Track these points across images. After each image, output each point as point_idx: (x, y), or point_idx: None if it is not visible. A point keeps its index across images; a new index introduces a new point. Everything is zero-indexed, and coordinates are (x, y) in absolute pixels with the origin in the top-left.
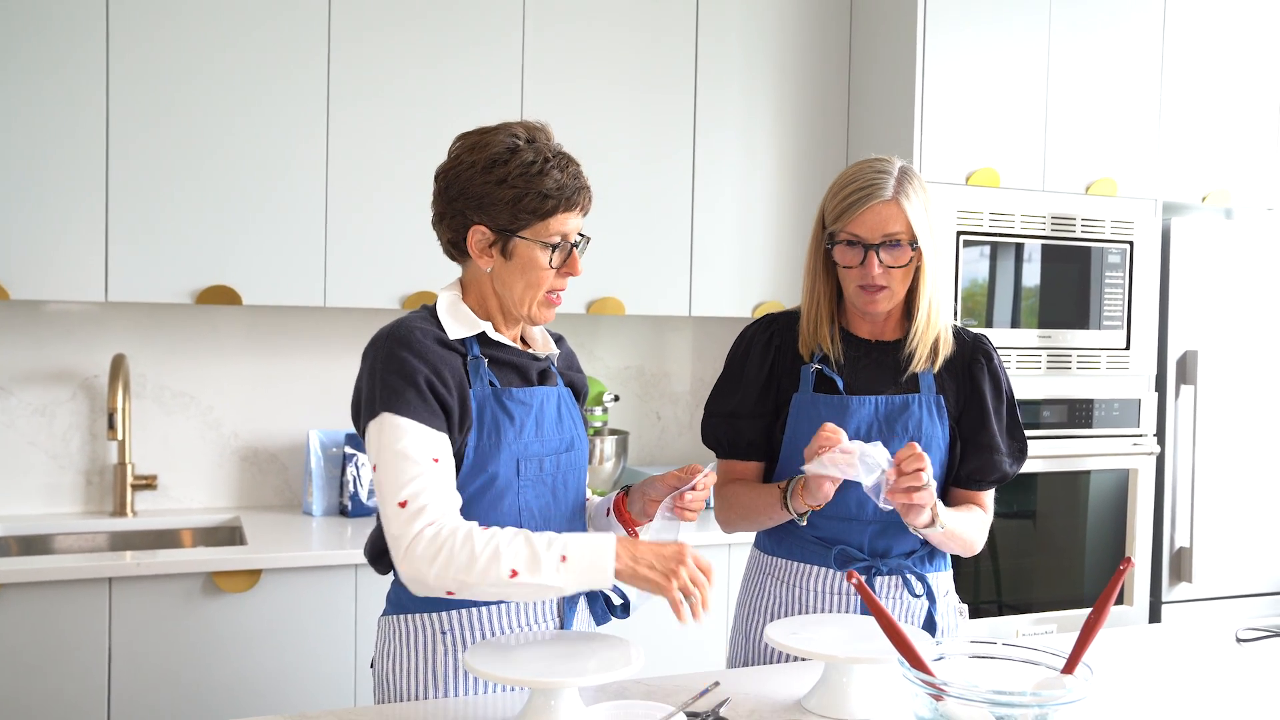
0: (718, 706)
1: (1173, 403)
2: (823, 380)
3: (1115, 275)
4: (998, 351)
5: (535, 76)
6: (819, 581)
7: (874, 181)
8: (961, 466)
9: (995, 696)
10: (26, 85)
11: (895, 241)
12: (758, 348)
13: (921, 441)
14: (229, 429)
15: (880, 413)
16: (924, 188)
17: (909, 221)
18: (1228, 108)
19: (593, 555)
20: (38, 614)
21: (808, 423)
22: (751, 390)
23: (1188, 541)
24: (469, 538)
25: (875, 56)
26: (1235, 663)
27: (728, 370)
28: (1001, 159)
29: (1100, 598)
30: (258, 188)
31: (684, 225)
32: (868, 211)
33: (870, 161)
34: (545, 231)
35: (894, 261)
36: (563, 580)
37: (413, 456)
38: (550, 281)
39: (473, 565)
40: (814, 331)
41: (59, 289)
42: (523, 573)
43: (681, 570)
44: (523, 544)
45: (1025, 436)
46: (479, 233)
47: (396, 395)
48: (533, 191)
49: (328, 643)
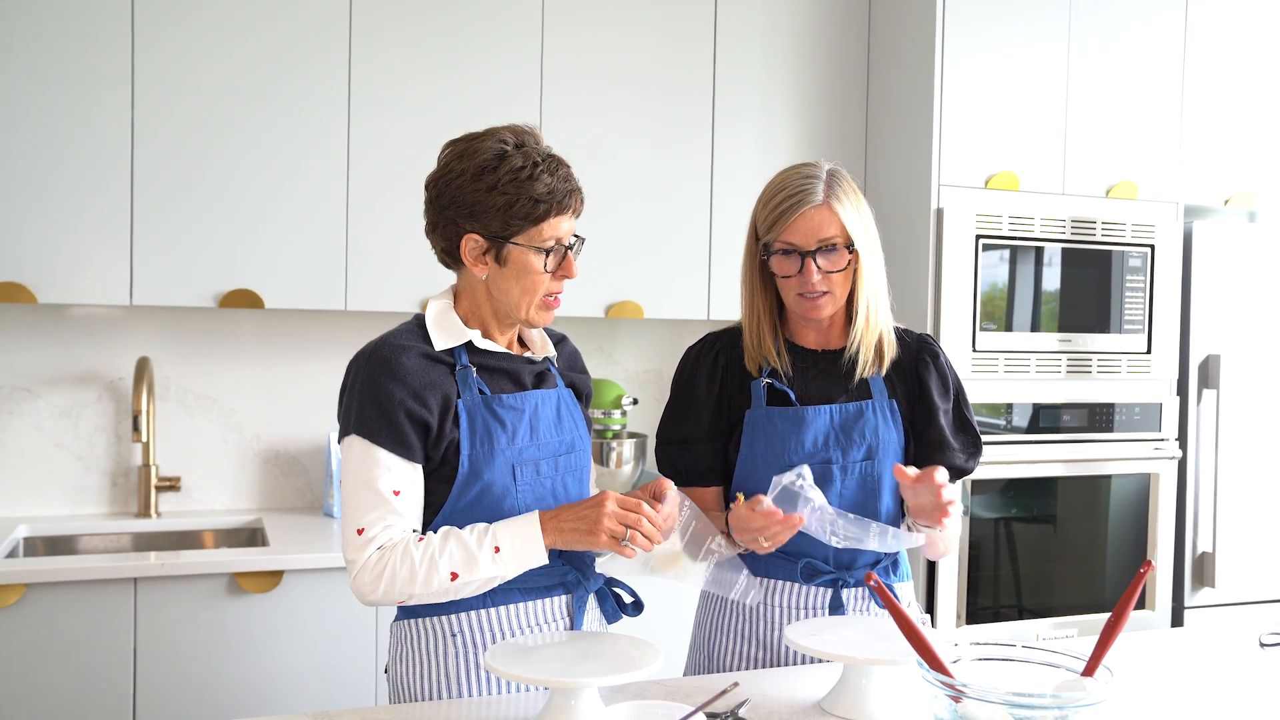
0: (737, 707)
1: (1195, 407)
2: (774, 394)
3: (1136, 279)
4: (944, 351)
5: (554, 78)
6: (784, 596)
7: (803, 187)
8: (917, 465)
9: (1014, 698)
10: (51, 92)
11: (831, 246)
12: (704, 369)
13: (879, 447)
14: (251, 431)
15: (836, 421)
16: (855, 189)
17: (843, 224)
18: (1251, 109)
19: (523, 539)
20: (64, 614)
21: (764, 439)
22: (703, 413)
23: (1210, 546)
24: (406, 552)
25: (894, 59)
26: (1258, 667)
27: (675, 394)
28: (1021, 162)
29: (1120, 600)
30: (279, 192)
31: (702, 228)
32: (800, 218)
33: (798, 168)
34: (538, 236)
35: (831, 266)
36: (501, 569)
37: (376, 488)
38: (546, 285)
39: (414, 578)
40: (758, 345)
41: (84, 293)
42: (462, 573)
43: (604, 520)
44: (456, 545)
45: (978, 432)
46: (472, 240)
47: (368, 421)
48: (524, 197)
49: (349, 643)
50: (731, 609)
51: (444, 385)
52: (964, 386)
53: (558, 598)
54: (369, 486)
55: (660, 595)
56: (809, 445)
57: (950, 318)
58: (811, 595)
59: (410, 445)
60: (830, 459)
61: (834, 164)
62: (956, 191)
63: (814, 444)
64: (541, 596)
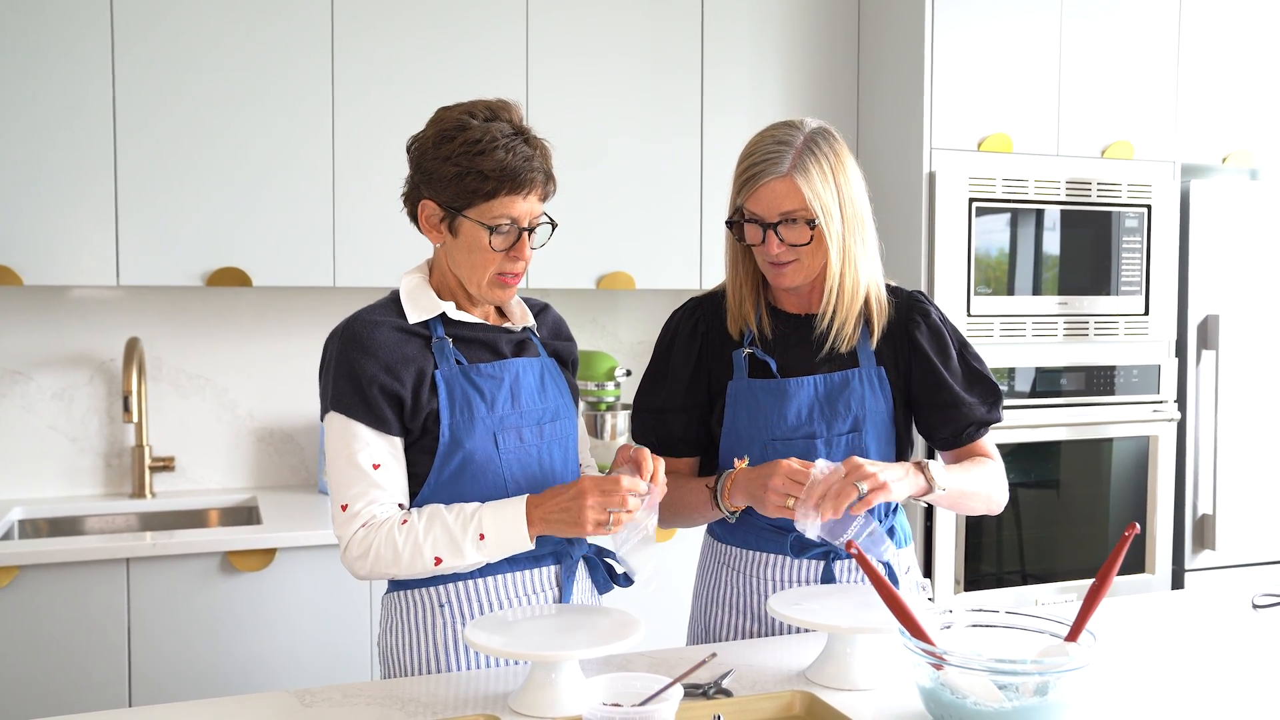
0: (721, 678)
1: (1194, 368)
2: (756, 363)
3: (1133, 240)
4: (936, 306)
5: (539, 58)
6: (774, 570)
7: (770, 155)
8: (937, 431)
9: (997, 665)
10: (32, 71)
11: (793, 219)
12: (683, 338)
13: (865, 419)
14: (244, 410)
15: (820, 393)
16: (834, 154)
17: (804, 199)
18: (1249, 65)
19: (508, 526)
20: (58, 595)
21: (746, 412)
22: (679, 384)
23: (1210, 509)
24: (390, 534)
25: (885, 19)
26: (1251, 629)
27: (653, 362)
28: (1014, 124)
29: (1105, 564)
30: (265, 170)
31: (693, 199)
32: (762, 189)
33: (775, 129)
34: (488, 213)
35: (793, 239)
36: (486, 555)
37: (356, 462)
38: (499, 264)
39: (398, 560)
40: (739, 308)
41: (71, 274)
42: (446, 559)
43: (587, 513)
44: (440, 530)
45: (993, 380)
46: (428, 207)
47: (343, 397)
48: (473, 171)
49: (342, 620)
50: (726, 581)
51: (418, 358)
52: (966, 339)
53: (547, 568)
54: (350, 461)
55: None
56: (792, 419)
57: (944, 282)
58: (802, 569)
59: (386, 419)
60: (814, 433)
61: (820, 124)
62: (949, 154)
63: (797, 417)
64: (530, 567)
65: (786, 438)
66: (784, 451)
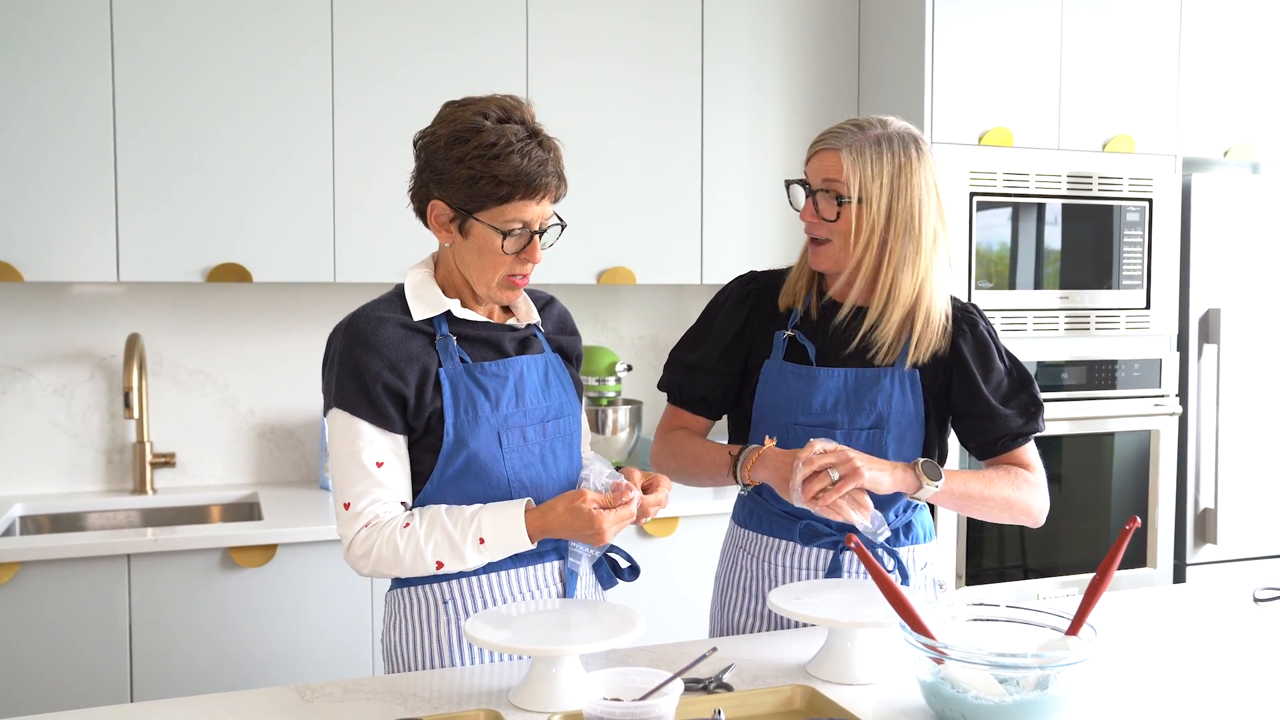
0: (722, 673)
1: (1195, 363)
2: (795, 347)
3: (1134, 234)
4: (984, 316)
5: (540, 54)
6: (785, 556)
7: (840, 130)
8: (973, 438)
9: (997, 659)
10: (32, 67)
11: (828, 190)
12: (732, 304)
13: (890, 417)
14: (245, 406)
15: (849, 385)
16: (905, 156)
17: (847, 174)
18: (1251, 58)
19: (507, 534)
20: (59, 591)
21: (773, 393)
22: (717, 346)
23: (1212, 503)
24: (392, 538)
25: (885, 14)
26: (1252, 623)
27: (700, 321)
28: (1015, 118)
29: (1105, 558)
30: (265, 165)
31: (693, 194)
32: (816, 155)
33: (867, 117)
34: (501, 217)
35: (824, 211)
36: (487, 559)
37: (360, 460)
38: (509, 266)
39: (399, 562)
40: (794, 283)
41: (71, 270)
42: (448, 563)
43: (607, 533)
44: (440, 535)
45: (1034, 394)
46: (438, 207)
47: (347, 394)
48: (488, 175)
49: (343, 615)
50: (743, 566)
51: (422, 356)
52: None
53: (550, 564)
54: (353, 459)
55: (656, 561)
56: (816, 407)
57: None
58: (810, 556)
59: (389, 417)
60: (835, 422)
61: (909, 128)
62: (949, 148)
63: (822, 406)
64: (533, 563)
65: (809, 424)
66: (804, 436)
